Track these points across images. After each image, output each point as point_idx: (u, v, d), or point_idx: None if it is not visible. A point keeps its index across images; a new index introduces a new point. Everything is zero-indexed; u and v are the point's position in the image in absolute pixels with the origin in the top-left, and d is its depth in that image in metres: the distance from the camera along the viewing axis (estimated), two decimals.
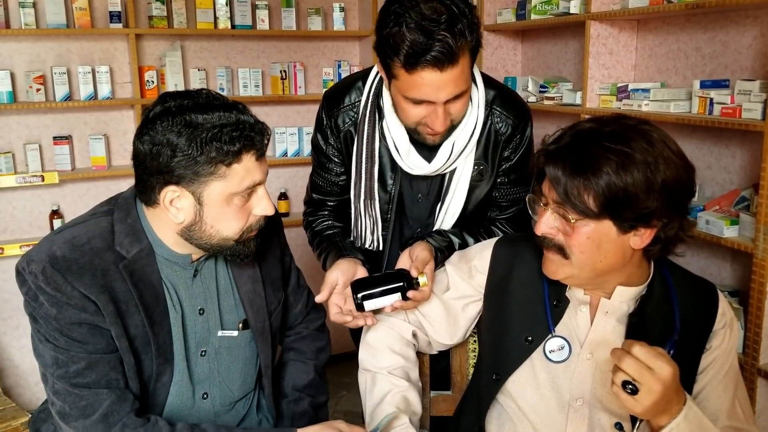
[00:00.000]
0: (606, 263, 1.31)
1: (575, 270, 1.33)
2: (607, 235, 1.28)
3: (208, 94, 1.36)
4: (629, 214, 1.25)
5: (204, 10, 3.46)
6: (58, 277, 1.32)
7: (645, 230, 1.28)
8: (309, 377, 1.71)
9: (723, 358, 1.36)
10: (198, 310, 1.49)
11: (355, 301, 1.51)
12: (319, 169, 1.93)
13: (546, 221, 1.32)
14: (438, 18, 1.48)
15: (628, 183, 1.22)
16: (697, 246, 2.37)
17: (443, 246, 1.74)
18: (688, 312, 1.36)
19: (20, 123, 3.34)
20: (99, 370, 1.35)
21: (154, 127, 1.30)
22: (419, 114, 1.61)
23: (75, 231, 1.38)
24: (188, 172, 1.30)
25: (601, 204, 1.24)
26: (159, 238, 1.42)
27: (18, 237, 3.38)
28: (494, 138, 1.79)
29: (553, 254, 1.35)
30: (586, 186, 1.24)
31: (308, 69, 3.87)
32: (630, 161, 1.22)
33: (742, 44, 2.18)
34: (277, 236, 1.66)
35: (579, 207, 1.25)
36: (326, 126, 1.86)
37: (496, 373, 1.45)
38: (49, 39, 3.32)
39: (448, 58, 1.49)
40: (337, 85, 1.92)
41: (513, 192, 1.85)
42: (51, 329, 1.34)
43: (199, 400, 1.52)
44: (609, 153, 1.23)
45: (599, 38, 2.53)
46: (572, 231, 1.29)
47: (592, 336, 1.39)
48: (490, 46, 3.18)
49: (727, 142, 2.25)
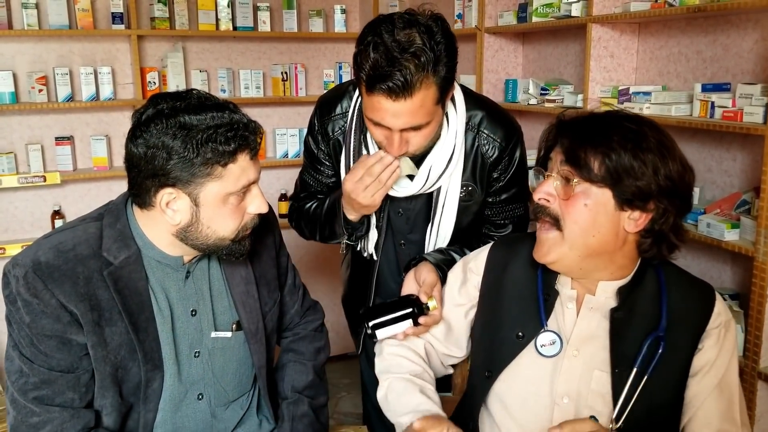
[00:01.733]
0: (598, 239, 1.32)
1: (566, 248, 1.33)
2: (604, 207, 1.30)
3: (199, 95, 1.36)
4: (630, 188, 1.27)
5: (206, 11, 3.46)
6: (39, 283, 1.32)
7: (641, 214, 1.30)
8: (308, 378, 1.70)
9: (719, 363, 1.35)
10: (190, 311, 1.49)
11: (366, 330, 1.51)
12: (310, 169, 1.95)
13: (546, 187, 1.35)
14: (408, 47, 1.46)
15: (637, 159, 1.26)
16: (697, 249, 2.37)
17: (445, 262, 1.73)
18: (679, 309, 1.36)
19: (22, 123, 3.35)
20: (55, 387, 1.36)
21: (148, 130, 1.29)
22: (380, 135, 1.61)
23: (62, 236, 1.39)
24: (184, 174, 1.30)
25: (606, 170, 1.27)
26: (150, 241, 1.41)
27: (19, 237, 3.39)
28: (481, 161, 1.78)
29: (545, 230, 1.36)
30: (595, 151, 1.28)
31: (309, 70, 3.88)
32: (643, 140, 1.28)
33: (743, 48, 2.18)
34: (272, 236, 1.66)
35: (584, 169, 1.28)
36: (317, 132, 1.88)
37: (489, 370, 1.46)
38: (52, 40, 3.33)
39: (403, 90, 1.47)
40: (330, 91, 1.92)
41: (506, 209, 1.85)
42: (22, 336, 1.35)
43: (194, 401, 1.52)
44: (624, 129, 1.29)
45: (600, 41, 2.53)
46: (571, 197, 1.30)
47: (578, 332, 1.39)
48: (491, 48, 3.18)
49: (728, 146, 2.25)
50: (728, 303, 2.11)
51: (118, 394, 1.41)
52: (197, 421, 1.53)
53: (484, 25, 3.12)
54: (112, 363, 1.39)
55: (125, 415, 1.45)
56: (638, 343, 1.34)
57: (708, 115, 2.13)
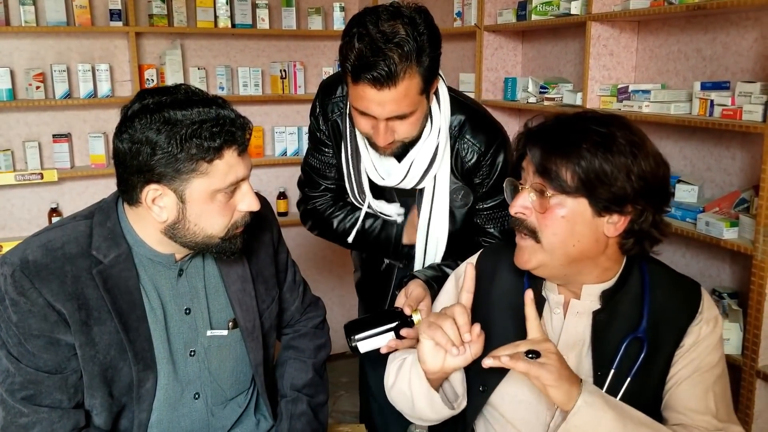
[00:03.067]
0: (579, 248, 1.31)
1: (547, 256, 1.32)
2: (581, 216, 1.28)
3: (187, 90, 1.34)
4: (605, 194, 1.26)
5: (204, 8, 3.46)
6: (26, 282, 1.31)
7: (619, 218, 1.29)
8: (308, 376, 1.70)
9: (696, 354, 1.32)
10: (184, 309, 1.48)
11: (349, 344, 1.50)
12: (313, 151, 1.97)
13: (521, 201, 1.33)
14: (392, 37, 1.49)
15: (608, 164, 1.24)
16: (696, 247, 2.37)
17: (436, 278, 1.73)
18: (663, 309, 1.34)
19: (20, 121, 3.34)
20: (42, 388, 1.35)
21: (133, 125, 1.28)
22: (366, 125, 1.63)
23: (51, 235, 1.38)
24: (169, 169, 1.28)
25: (578, 180, 1.25)
26: (141, 239, 1.40)
27: (17, 235, 3.38)
28: (461, 164, 1.79)
29: (524, 240, 1.34)
30: (567, 161, 1.25)
31: (308, 68, 3.87)
32: (612, 144, 1.26)
33: (742, 46, 2.18)
34: (269, 233, 1.64)
35: (556, 181, 1.26)
36: (318, 113, 1.90)
37: (483, 385, 1.43)
38: (49, 37, 3.32)
39: (387, 79, 1.50)
40: (332, 75, 1.96)
41: (495, 217, 1.85)
42: (10, 335, 1.34)
43: (191, 400, 1.52)
44: (592, 134, 1.27)
45: (600, 39, 2.52)
46: (547, 209, 1.29)
47: (565, 337, 1.38)
48: (490, 46, 3.18)
49: (728, 144, 2.25)
50: (727, 301, 2.11)
51: (108, 394, 1.40)
52: (194, 420, 1.52)
53: (483, 23, 3.11)
54: (100, 363, 1.37)
55: (118, 414, 1.44)
56: (617, 344, 1.33)
57: (707, 114, 2.13)
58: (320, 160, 1.96)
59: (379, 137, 1.62)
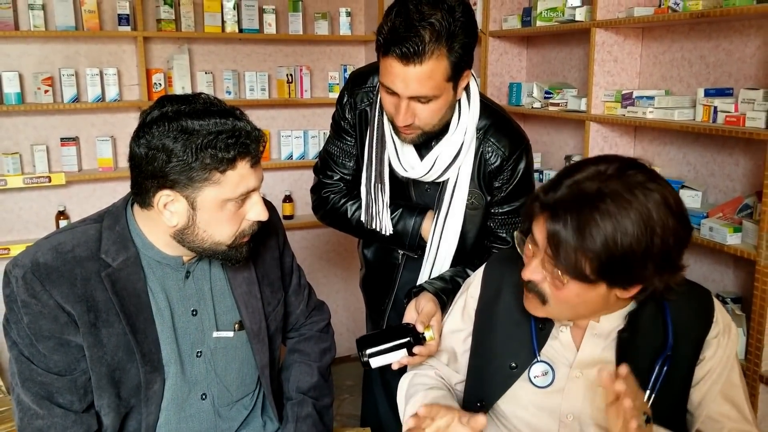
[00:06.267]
0: (588, 311, 1.32)
1: (554, 313, 1.33)
2: (595, 292, 1.26)
3: (206, 100, 1.36)
4: (625, 279, 1.23)
5: (212, 13, 3.48)
6: (37, 284, 1.34)
7: (635, 286, 1.27)
8: (313, 380, 1.72)
9: (720, 367, 1.34)
10: (191, 311, 1.50)
11: (361, 358, 1.51)
12: (335, 139, 2.00)
13: (534, 269, 1.29)
14: (427, 17, 1.52)
15: (626, 251, 1.18)
16: (700, 253, 2.38)
17: (445, 291, 1.74)
18: (681, 324, 1.34)
19: (28, 124, 3.36)
20: (53, 389, 1.37)
21: (151, 131, 1.30)
22: (390, 103, 1.65)
23: (62, 237, 1.40)
24: (182, 177, 1.31)
25: (596, 270, 1.20)
26: (150, 241, 1.43)
27: (24, 237, 3.41)
28: (484, 167, 1.81)
29: (533, 296, 1.33)
30: (584, 252, 1.19)
31: (314, 73, 3.89)
32: (630, 229, 1.18)
33: (745, 53, 2.19)
34: (275, 237, 1.66)
35: (574, 271, 1.22)
36: (346, 102, 1.93)
37: (480, 401, 1.44)
38: (58, 41, 3.35)
39: (414, 55, 1.52)
40: (363, 67, 1.99)
41: (509, 222, 1.86)
42: (21, 337, 1.36)
43: (198, 401, 1.53)
44: (609, 217, 1.18)
45: (604, 45, 2.54)
46: (561, 286, 1.26)
47: (582, 357, 1.37)
48: (495, 51, 3.20)
49: (731, 150, 2.26)
50: (730, 306, 2.12)
51: (115, 395, 1.42)
52: (201, 420, 1.54)
53: (488, 29, 3.13)
54: (108, 364, 1.39)
55: (126, 416, 1.46)
56: (647, 363, 1.32)
57: (711, 120, 2.14)
58: (340, 148, 1.98)
59: (399, 116, 1.64)
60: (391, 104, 1.65)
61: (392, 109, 1.66)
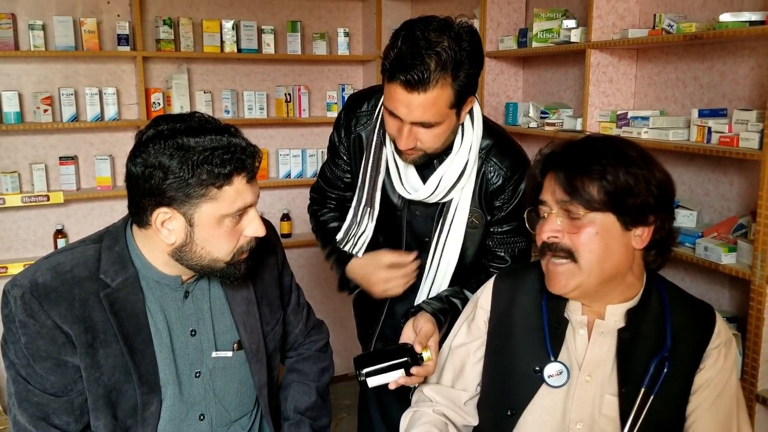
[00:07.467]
0: (612, 264, 1.34)
1: (584, 276, 1.35)
2: (612, 231, 1.33)
3: (201, 118, 1.37)
4: (631, 207, 1.31)
5: (211, 34, 3.51)
6: (35, 304, 1.34)
7: (644, 229, 1.34)
8: (311, 399, 1.71)
9: (718, 379, 1.37)
10: (190, 331, 1.50)
11: (359, 377, 1.51)
12: (329, 162, 2.02)
13: (550, 225, 1.36)
14: (434, 45, 1.53)
15: (630, 177, 1.30)
16: (695, 272, 2.38)
17: (443, 311, 1.74)
18: (682, 329, 1.38)
19: (27, 143, 3.38)
20: (49, 410, 1.37)
21: (147, 150, 1.31)
22: (393, 126, 1.66)
23: (61, 257, 1.41)
24: (179, 194, 1.31)
25: (606, 194, 1.30)
26: (149, 261, 1.43)
27: (22, 256, 3.41)
28: (485, 186, 1.82)
29: (560, 264, 1.36)
30: (591, 178, 1.31)
31: (312, 92, 3.92)
32: (628, 158, 1.32)
33: (739, 74, 2.22)
34: (274, 256, 1.67)
35: (585, 198, 1.30)
36: (342, 125, 1.94)
37: (511, 409, 1.44)
38: (57, 61, 3.37)
39: (419, 83, 1.53)
40: (361, 90, 2.00)
41: (508, 242, 1.86)
42: (19, 357, 1.36)
43: (196, 421, 1.53)
44: (610, 151, 1.33)
45: (599, 66, 2.57)
46: (579, 228, 1.33)
47: (590, 357, 1.40)
48: (492, 72, 3.23)
49: (725, 170, 2.28)
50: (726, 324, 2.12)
51: (112, 416, 1.42)
52: None
53: (485, 50, 3.15)
54: (104, 385, 1.39)
55: None
56: (644, 363, 1.36)
57: (705, 140, 2.16)
58: (333, 172, 2.01)
59: (401, 140, 1.64)
60: (394, 127, 1.66)
61: (395, 131, 1.66)
